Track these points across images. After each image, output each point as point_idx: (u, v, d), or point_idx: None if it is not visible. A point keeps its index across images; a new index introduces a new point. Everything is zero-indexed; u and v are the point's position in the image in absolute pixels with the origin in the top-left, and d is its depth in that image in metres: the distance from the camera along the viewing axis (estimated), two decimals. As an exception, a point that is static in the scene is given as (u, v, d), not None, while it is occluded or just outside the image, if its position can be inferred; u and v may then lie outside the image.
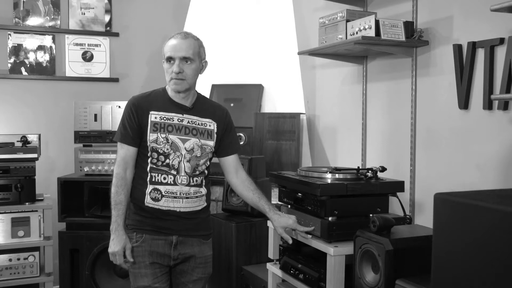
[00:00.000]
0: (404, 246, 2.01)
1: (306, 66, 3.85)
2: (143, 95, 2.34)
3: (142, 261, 2.22)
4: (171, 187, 2.24)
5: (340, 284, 2.27)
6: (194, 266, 2.33)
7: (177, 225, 2.27)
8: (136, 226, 2.26)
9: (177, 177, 2.25)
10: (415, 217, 2.76)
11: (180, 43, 2.25)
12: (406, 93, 2.83)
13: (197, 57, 2.30)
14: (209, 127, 2.35)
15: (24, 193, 3.33)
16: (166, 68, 2.27)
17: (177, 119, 2.28)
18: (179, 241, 2.27)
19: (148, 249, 2.23)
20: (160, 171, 2.24)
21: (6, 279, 3.24)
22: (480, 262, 1.39)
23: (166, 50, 2.27)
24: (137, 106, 2.26)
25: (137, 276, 2.23)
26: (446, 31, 2.57)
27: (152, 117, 2.25)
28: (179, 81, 2.25)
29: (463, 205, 1.46)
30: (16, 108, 4.12)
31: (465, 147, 2.47)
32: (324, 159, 3.67)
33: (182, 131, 2.27)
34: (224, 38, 4.24)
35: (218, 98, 4.15)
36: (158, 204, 2.24)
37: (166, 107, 2.29)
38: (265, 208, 2.40)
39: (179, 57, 2.24)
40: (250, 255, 3.26)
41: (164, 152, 2.23)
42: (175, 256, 2.27)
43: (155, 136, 2.23)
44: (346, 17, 2.77)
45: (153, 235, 2.24)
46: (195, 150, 2.28)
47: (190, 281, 2.33)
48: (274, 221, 2.39)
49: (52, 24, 4.24)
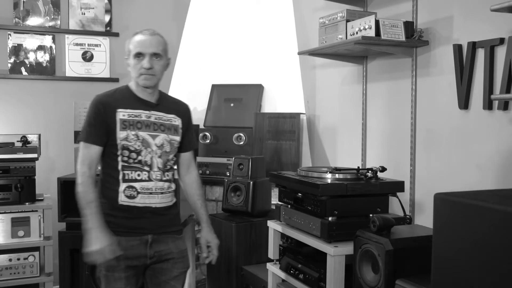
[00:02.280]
0: (404, 246, 2.01)
1: (306, 66, 3.85)
2: (108, 93, 2.31)
3: (117, 264, 2.18)
4: (146, 183, 2.24)
5: (340, 284, 2.27)
6: (173, 263, 2.31)
7: (152, 223, 2.26)
8: (109, 228, 2.20)
9: (151, 173, 2.25)
10: (415, 217, 2.76)
11: (149, 39, 2.26)
12: (406, 93, 2.83)
13: (164, 53, 2.32)
14: (174, 122, 2.36)
15: (24, 193, 3.33)
16: (133, 64, 2.26)
17: (144, 115, 2.28)
18: (154, 240, 2.26)
19: (124, 253, 2.19)
20: (133, 168, 2.23)
21: (6, 279, 3.24)
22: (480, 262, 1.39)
23: (134, 46, 2.25)
24: (104, 104, 2.24)
25: (110, 280, 2.19)
26: (446, 31, 2.57)
27: (120, 114, 2.23)
28: (149, 77, 2.25)
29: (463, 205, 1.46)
30: (16, 108, 4.12)
31: (465, 147, 2.47)
32: (324, 159, 3.67)
33: (151, 127, 2.27)
34: (224, 38, 4.24)
35: (218, 98, 4.15)
36: (134, 202, 2.22)
37: (133, 104, 2.28)
38: (203, 217, 2.46)
39: (149, 53, 2.24)
40: (250, 255, 3.26)
41: (136, 149, 2.22)
42: (151, 254, 2.26)
43: (125, 134, 2.21)
44: (346, 17, 2.77)
45: (127, 237, 2.21)
46: (165, 146, 2.30)
47: (172, 278, 2.30)
48: (204, 232, 2.45)
49: (52, 24, 4.23)
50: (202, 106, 4.22)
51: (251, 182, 3.29)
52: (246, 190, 3.29)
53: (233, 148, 3.90)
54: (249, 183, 3.29)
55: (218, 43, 4.26)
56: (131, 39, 2.30)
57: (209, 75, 4.27)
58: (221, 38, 4.25)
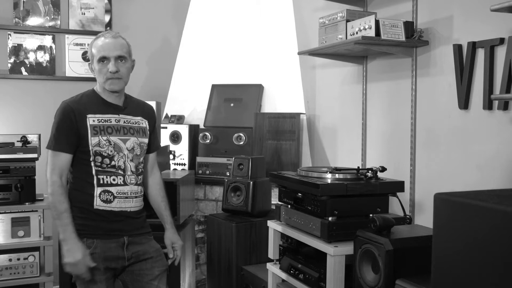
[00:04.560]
0: (404, 246, 2.01)
1: (306, 66, 3.85)
2: (75, 99, 2.25)
3: (97, 267, 2.17)
4: (122, 188, 2.23)
5: (340, 284, 2.27)
6: (153, 262, 2.31)
7: (127, 226, 2.26)
8: (85, 231, 2.18)
9: (126, 177, 2.25)
10: (415, 217, 2.76)
11: (113, 42, 2.22)
12: (406, 93, 2.83)
13: (129, 56, 2.29)
14: (142, 125, 2.35)
15: (24, 193, 3.33)
16: (98, 69, 2.21)
17: (114, 120, 2.26)
18: (130, 241, 2.25)
19: (102, 255, 2.19)
20: (107, 172, 2.21)
21: (6, 279, 3.24)
22: (480, 262, 1.39)
23: (97, 50, 2.21)
24: (75, 110, 2.18)
25: (90, 283, 2.17)
26: (446, 31, 2.58)
27: (90, 120, 2.20)
28: (116, 81, 2.22)
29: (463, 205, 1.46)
30: (16, 108, 4.13)
31: (465, 147, 2.47)
32: (324, 159, 3.67)
33: (121, 132, 2.25)
34: (224, 38, 4.24)
35: (218, 98, 4.15)
36: (110, 206, 2.21)
37: (101, 109, 2.25)
38: (167, 219, 2.45)
39: (114, 56, 2.20)
40: (250, 255, 3.26)
41: (108, 154, 2.20)
42: (129, 256, 2.25)
43: (97, 140, 2.19)
44: (346, 17, 2.77)
45: (104, 240, 2.20)
46: (135, 149, 2.29)
47: (154, 278, 2.29)
48: (168, 233, 2.45)
49: (52, 24, 4.24)
50: (202, 106, 4.22)
51: (251, 182, 3.29)
52: (246, 190, 3.29)
53: (233, 148, 3.90)
54: (249, 183, 3.29)
55: (218, 43, 4.25)
56: (93, 43, 2.25)
57: (209, 75, 4.27)
58: (221, 38, 4.25)
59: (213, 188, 3.91)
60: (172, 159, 4.02)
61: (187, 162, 4.03)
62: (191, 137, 4.06)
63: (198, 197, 3.95)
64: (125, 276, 2.30)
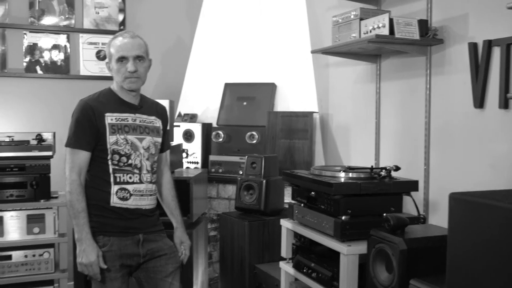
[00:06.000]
0: (418, 246, 2.00)
1: (319, 64, 3.84)
2: (93, 97, 2.28)
3: (113, 265, 2.19)
4: (138, 186, 2.26)
5: (353, 283, 2.27)
6: (167, 259, 2.33)
7: (142, 223, 2.28)
8: (101, 229, 2.21)
9: (142, 175, 2.27)
10: (429, 217, 2.75)
11: (131, 42, 2.24)
12: (420, 92, 2.81)
13: (146, 55, 2.31)
14: (156, 124, 2.38)
15: (39, 191, 3.36)
16: (117, 68, 2.23)
17: (131, 119, 2.28)
18: (145, 239, 2.28)
19: (118, 252, 2.21)
20: (124, 171, 2.23)
21: (21, 275, 3.28)
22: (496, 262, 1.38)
23: (116, 50, 2.23)
24: (93, 109, 2.21)
25: (106, 280, 2.19)
26: (461, 29, 2.55)
27: (109, 119, 2.22)
28: (134, 80, 2.25)
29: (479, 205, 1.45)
30: (31, 107, 4.17)
31: (480, 146, 2.45)
32: (337, 158, 3.66)
33: (137, 131, 2.28)
34: (237, 36, 4.24)
35: (231, 96, 4.16)
36: (126, 204, 2.23)
37: (118, 107, 2.27)
38: (178, 219, 2.50)
39: (132, 56, 2.23)
40: (263, 253, 3.27)
41: (126, 153, 2.23)
42: (144, 253, 2.27)
43: (115, 138, 2.21)
44: (360, 16, 2.76)
45: (120, 237, 2.22)
46: (151, 148, 2.32)
47: (168, 274, 2.32)
48: (178, 232, 2.49)
49: (66, 23, 4.27)
50: (215, 104, 4.23)
51: (264, 181, 3.30)
52: (259, 188, 3.30)
53: (246, 146, 3.91)
54: (262, 181, 3.30)
55: (231, 42, 4.26)
56: (111, 42, 2.27)
57: (222, 74, 4.28)
58: (234, 36, 4.25)
59: (226, 186, 3.92)
60: (185, 157, 4.03)
61: (200, 161, 4.04)
62: (204, 135, 4.07)
63: (211, 196, 3.96)
64: (139, 273, 2.33)
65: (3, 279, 3.23)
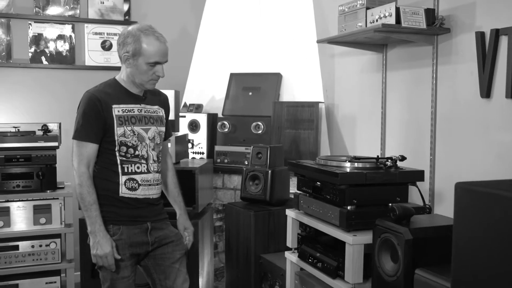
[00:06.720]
0: (424, 236, 2.00)
1: (325, 54, 3.82)
2: (99, 89, 2.26)
3: (123, 253, 2.22)
4: (146, 175, 2.29)
5: (358, 273, 2.27)
6: (174, 246, 2.38)
7: (150, 212, 2.32)
8: (111, 218, 2.23)
9: (149, 165, 2.30)
10: (435, 207, 2.74)
11: (165, 48, 2.25)
12: (427, 82, 2.79)
13: None
14: (159, 113, 2.40)
15: (45, 181, 3.38)
16: (145, 69, 2.21)
17: (137, 110, 2.30)
18: (153, 227, 2.32)
19: (128, 241, 2.24)
20: (132, 162, 2.26)
21: (28, 265, 3.31)
22: (502, 252, 1.37)
23: (152, 54, 2.19)
24: (101, 100, 2.20)
25: (117, 268, 2.21)
26: (468, 18, 2.53)
27: (116, 111, 2.23)
28: (156, 81, 2.30)
29: (485, 195, 1.44)
30: (37, 97, 4.18)
31: (486, 136, 2.43)
32: (342, 148, 3.65)
33: (142, 121, 2.30)
34: (242, 26, 4.23)
35: (237, 86, 4.15)
36: (135, 194, 2.26)
37: (124, 99, 2.28)
38: (180, 205, 2.54)
39: (164, 62, 2.27)
40: (268, 243, 3.27)
41: (133, 144, 2.24)
42: (152, 241, 2.32)
43: (122, 130, 2.22)
44: (366, 5, 2.74)
45: (129, 226, 2.25)
46: (156, 138, 2.34)
47: (175, 261, 2.37)
48: (182, 219, 2.53)
49: (71, 13, 4.27)
50: (220, 95, 4.23)
51: (269, 171, 3.30)
52: (265, 178, 3.30)
53: (252, 137, 3.90)
54: (267, 171, 3.30)
55: (236, 32, 4.24)
56: (142, 39, 2.19)
57: (227, 64, 4.27)
58: (239, 26, 4.24)
59: (231, 176, 3.93)
60: (191, 147, 4.03)
61: (205, 151, 4.05)
62: (210, 126, 4.07)
63: (216, 186, 3.97)
64: (147, 261, 2.36)
65: (11, 269, 3.27)
